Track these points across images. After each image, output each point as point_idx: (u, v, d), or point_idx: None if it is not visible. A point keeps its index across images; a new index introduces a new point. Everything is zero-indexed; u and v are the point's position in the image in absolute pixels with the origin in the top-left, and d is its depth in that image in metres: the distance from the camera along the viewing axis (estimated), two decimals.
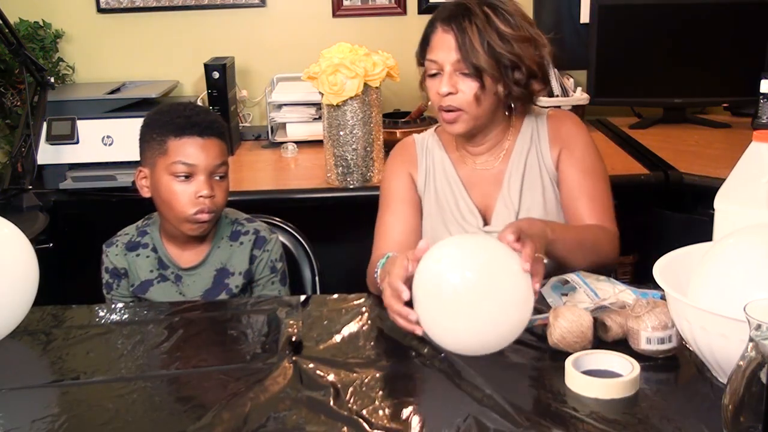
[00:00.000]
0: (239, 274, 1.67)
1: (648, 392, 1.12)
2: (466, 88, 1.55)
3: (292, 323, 1.40)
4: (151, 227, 1.70)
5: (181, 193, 1.58)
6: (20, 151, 2.25)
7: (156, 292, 1.66)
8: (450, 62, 1.55)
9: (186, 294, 1.66)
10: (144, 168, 1.65)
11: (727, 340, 1.05)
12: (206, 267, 1.68)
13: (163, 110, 1.64)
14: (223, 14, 2.90)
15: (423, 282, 1.19)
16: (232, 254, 1.68)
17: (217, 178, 1.61)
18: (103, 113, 2.44)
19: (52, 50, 2.83)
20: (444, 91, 1.56)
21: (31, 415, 1.13)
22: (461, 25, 1.54)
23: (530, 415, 1.07)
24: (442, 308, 1.17)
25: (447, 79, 1.55)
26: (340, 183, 2.29)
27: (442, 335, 1.20)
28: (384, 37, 2.84)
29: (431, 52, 1.58)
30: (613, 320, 1.26)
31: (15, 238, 1.35)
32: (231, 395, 1.16)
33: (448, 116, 1.58)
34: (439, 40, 1.57)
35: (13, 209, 2.20)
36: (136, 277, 1.67)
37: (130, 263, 1.68)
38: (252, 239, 1.70)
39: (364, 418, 1.09)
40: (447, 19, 1.56)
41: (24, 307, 1.35)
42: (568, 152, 1.65)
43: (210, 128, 1.60)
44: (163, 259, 1.68)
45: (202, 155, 1.58)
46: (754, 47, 2.67)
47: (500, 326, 1.17)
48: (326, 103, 2.21)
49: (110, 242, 1.71)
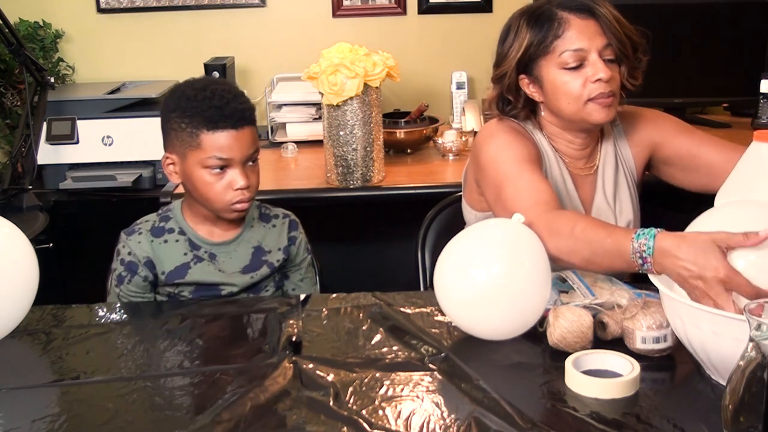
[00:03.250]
0: (278, 250, 1.67)
1: (648, 392, 1.12)
2: (615, 73, 1.55)
3: (292, 323, 1.40)
4: (173, 211, 1.66)
5: (217, 185, 1.54)
6: (20, 151, 2.25)
7: (195, 273, 1.60)
8: (597, 48, 1.53)
9: (225, 270, 1.62)
10: (171, 155, 1.58)
11: (719, 337, 1.05)
12: (242, 245, 1.65)
13: (190, 95, 1.54)
14: (223, 14, 2.90)
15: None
16: (266, 234, 1.67)
17: (250, 163, 1.58)
18: (103, 113, 2.44)
19: (52, 50, 2.83)
20: (604, 77, 1.52)
21: (31, 415, 1.13)
22: (598, 11, 1.53)
23: (530, 415, 1.07)
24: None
25: (602, 65, 1.52)
26: (340, 183, 2.29)
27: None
28: (384, 37, 2.85)
29: (571, 42, 1.53)
30: (610, 317, 1.26)
31: (15, 238, 1.35)
32: (231, 395, 1.16)
33: (607, 100, 1.54)
34: (580, 28, 1.53)
35: (13, 209, 2.20)
36: (167, 264, 1.60)
37: (156, 250, 1.60)
38: (285, 222, 1.70)
39: (364, 418, 1.09)
40: (576, 8, 1.54)
41: (24, 307, 1.35)
42: (663, 140, 1.68)
43: (243, 118, 1.54)
44: (193, 240, 1.62)
45: (236, 147, 1.53)
46: (754, 47, 2.67)
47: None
48: (326, 103, 2.21)
49: (131, 230, 1.63)
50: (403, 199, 2.28)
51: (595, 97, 1.54)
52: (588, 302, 1.31)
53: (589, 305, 1.30)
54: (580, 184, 1.67)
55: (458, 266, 1.29)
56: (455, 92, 2.79)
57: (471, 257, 1.28)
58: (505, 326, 1.28)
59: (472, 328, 1.31)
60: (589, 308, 1.29)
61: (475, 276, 1.26)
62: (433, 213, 1.95)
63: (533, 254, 1.29)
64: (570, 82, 1.54)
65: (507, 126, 1.64)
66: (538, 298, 1.28)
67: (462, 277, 1.28)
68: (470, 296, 1.27)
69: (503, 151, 1.56)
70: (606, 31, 1.53)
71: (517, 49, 1.58)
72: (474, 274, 1.26)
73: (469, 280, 1.27)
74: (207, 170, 1.54)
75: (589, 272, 1.45)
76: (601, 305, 1.29)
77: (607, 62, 1.54)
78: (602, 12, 1.53)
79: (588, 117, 1.56)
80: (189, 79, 1.61)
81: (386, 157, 2.40)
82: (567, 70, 1.54)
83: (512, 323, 1.28)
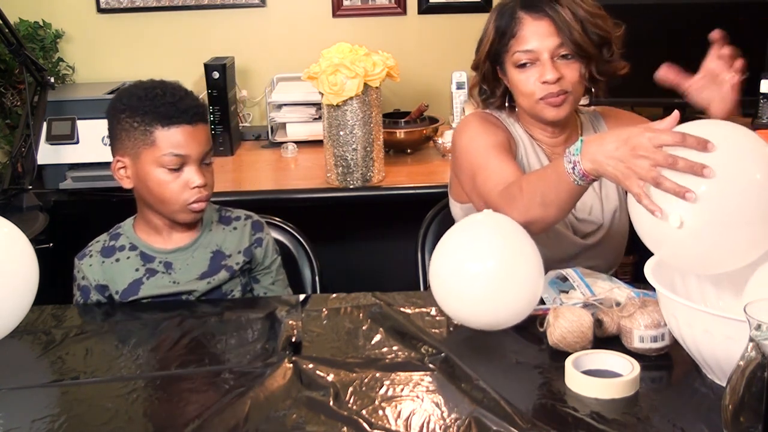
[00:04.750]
0: (239, 253, 1.62)
1: (648, 392, 1.12)
2: (569, 71, 1.56)
3: (292, 323, 1.40)
4: (124, 227, 1.63)
5: (172, 184, 1.51)
6: (20, 151, 2.24)
7: (148, 288, 1.56)
8: (548, 49, 1.54)
9: (180, 281, 1.57)
10: (123, 158, 1.54)
11: (711, 336, 1.05)
12: (199, 250, 1.60)
13: (139, 95, 1.52)
14: (223, 14, 2.90)
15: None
16: (226, 237, 1.62)
17: (206, 163, 1.55)
18: (103, 113, 2.42)
19: (52, 50, 2.82)
20: (551, 78, 1.54)
21: (31, 415, 1.13)
22: (553, 10, 1.54)
23: (530, 415, 1.07)
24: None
25: (549, 66, 1.54)
26: (340, 183, 2.29)
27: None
28: (384, 37, 2.84)
29: (522, 43, 1.56)
30: (607, 315, 1.26)
31: (15, 238, 1.35)
32: (231, 395, 1.16)
33: (556, 99, 1.56)
34: (531, 29, 1.55)
35: (13, 209, 2.19)
36: (119, 283, 1.57)
37: (107, 272, 1.57)
38: (247, 224, 1.65)
39: (364, 418, 1.09)
40: (533, 8, 1.55)
41: (24, 307, 1.35)
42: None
43: (197, 114, 1.53)
44: (146, 252, 1.58)
45: (192, 143, 1.50)
46: (754, 47, 2.67)
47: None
48: (326, 103, 2.21)
49: (82, 254, 1.61)
50: (403, 199, 2.28)
51: (545, 96, 1.57)
52: (587, 300, 1.31)
53: (588, 303, 1.30)
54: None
55: (453, 258, 1.30)
56: (455, 92, 2.79)
57: (464, 249, 1.30)
58: (501, 315, 1.28)
59: (470, 319, 1.31)
60: (587, 306, 1.29)
61: (469, 268, 1.27)
62: (433, 213, 1.95)
63: (524, 242, 1.29)
64: (523, 80, 1.58)
65: (479, 117, 1.68)
66: (533, 284, 1.29)
67: (457, 269, 1.28)
68: (465, 288, 1.27)
69: (474, 141, 1.61)
70: (560, 31, 1.54)
71: (485, 43, 1.63)
72: (468, 267, 1.27)
73: (464, 271, 1.27)
74: (162, 169, 1.50)
75: (589, 272, 1.45)
76: (600, 303, 1.30)
77: (563, 61, 1.55)
78: (558, 11, 1.54)
79: (540, 114, 1.60)
80: (135, 82, 1.60)
81: (386, 157, 2.40)
82: (520, 68, 1.58)
83: (508, 311, 1.28)
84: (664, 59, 2.93)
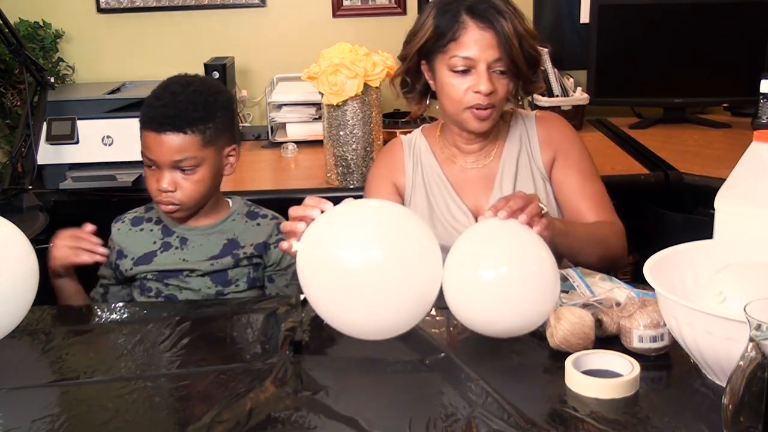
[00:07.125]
0: (251, 245, 1.67)
1: (648, 392, 1.12)
2: (500, 87, 1.56)
3: (292, 323, 1.40)
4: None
5: (150, 180, 1.61)
6: (20, 151, 2.24)
7: (160, 260, 1.65)
8: (486, 60, 1.54)
9: (188, 259, 1.65)
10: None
11: (712, 337, 1.05)
12: (216, 234, 1.67)
13: (157, 93, 1.64)
14: (223, 14, 2.90)
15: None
16: (246, 229, 1.69)
17: (185, 171, 1.59)
18: (103, 113, 2.43)
19: (52, 50, 2.83)
20: (485, 90, 1.54)
21: (31, 415, 1.13)
22: (498, 22, 1.53)
23: (530, 416, 1.07)
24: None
25: (486, 78, 1.54)
26: (340, 183, 2.29)
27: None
28: (384, 37, 2.83)
29: (463, 49, 1.55)
30: (606, 314, 1.26)
31: (15, 238, 1.35)
32: (231, 395, 1.16)
33: (483, 113, 1.57)
34: (475, 37, 1.54)
35: (13, 209, 2.19)
36: (137, 252, 1.67)
37: (129, 238, 1.69)
38: (272, 223, 1.70)
39: (364, 418, 1.09)
40: (480, 16, 1.54)
41: (24, 307, 1.35)
42: (564, 156, 1.66)
43: (169, 123, 1.56)
44: (168, 226, 1.69)
45: (158, 150, 1.57)
46: (754, 47, 2.67)
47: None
48: (326, 103, 2.21)
49: (118, 218, 1.74)
50: None
51: (473, 106, 1.57)
52: (587, 300, 1.31)
53: (588, 302, 1.30)
54: (467, 183, 1.69)
55: (467, 266, 1.26)
56: None
57: (479, 257, 1.25)
58: (515, 322, 1.25)
59: (482, 327, 1.27)
60: (588, 306, 1.29)
61: (484, 275, 1.22)
62: None
63: (539, 250, 1.26)
64: (455, 86, 1.57)
65: (386, 157, 1.76)
66: (549, 292, 1.24)
67: (471, 277, 1.24)
68: (479, 296, 1.23)
69: (367, 184, 1.77)
70: (501, 46, 1.54)
71: (420, 37, 1.61)
72: (483, 274, 1.23)
73: (479, 279, 1.23)
74: (145, 165, 1.63)
75: (590, 272, 1.45)
76: (600, 303, 1.30)
77: (497, 75, 1.56)
78: (503, 26, 1.53)
79: (464, 123, 1.61)
80: (177, 75, 1.68)
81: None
82: (455, 72, 1.57)
83: (524, 317, 1.24)
84: (664, 59, 2.95)
